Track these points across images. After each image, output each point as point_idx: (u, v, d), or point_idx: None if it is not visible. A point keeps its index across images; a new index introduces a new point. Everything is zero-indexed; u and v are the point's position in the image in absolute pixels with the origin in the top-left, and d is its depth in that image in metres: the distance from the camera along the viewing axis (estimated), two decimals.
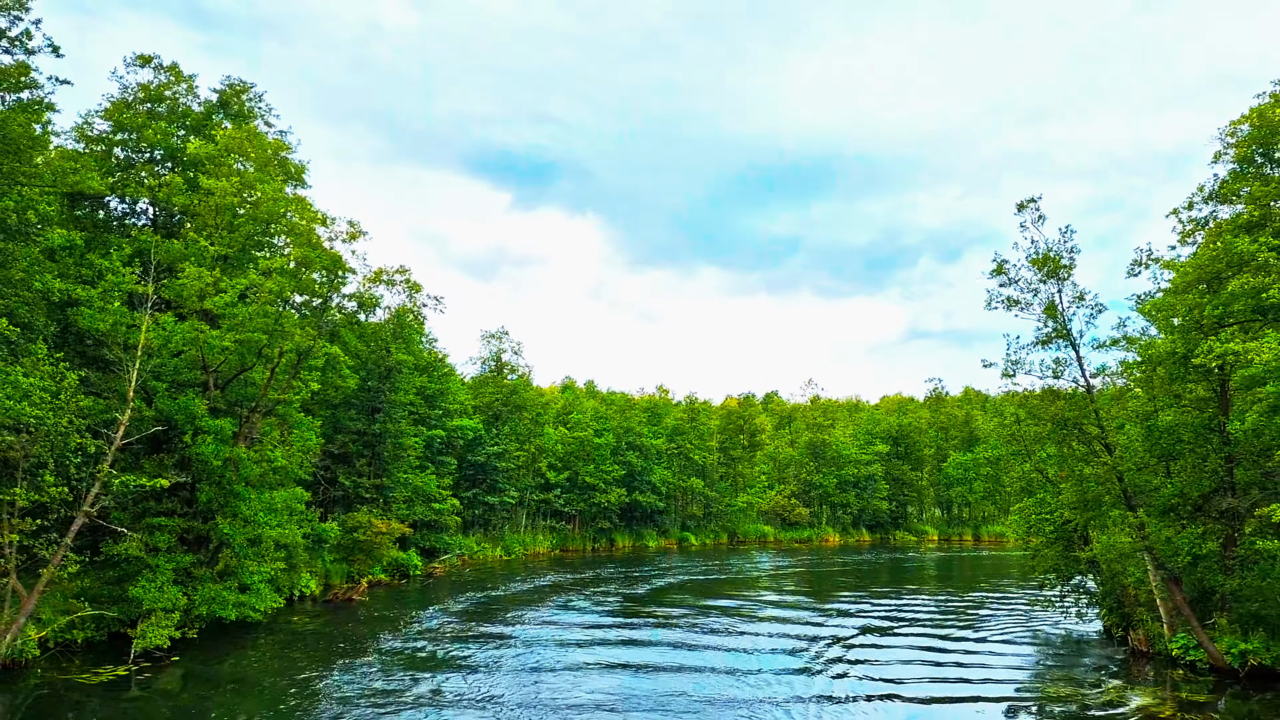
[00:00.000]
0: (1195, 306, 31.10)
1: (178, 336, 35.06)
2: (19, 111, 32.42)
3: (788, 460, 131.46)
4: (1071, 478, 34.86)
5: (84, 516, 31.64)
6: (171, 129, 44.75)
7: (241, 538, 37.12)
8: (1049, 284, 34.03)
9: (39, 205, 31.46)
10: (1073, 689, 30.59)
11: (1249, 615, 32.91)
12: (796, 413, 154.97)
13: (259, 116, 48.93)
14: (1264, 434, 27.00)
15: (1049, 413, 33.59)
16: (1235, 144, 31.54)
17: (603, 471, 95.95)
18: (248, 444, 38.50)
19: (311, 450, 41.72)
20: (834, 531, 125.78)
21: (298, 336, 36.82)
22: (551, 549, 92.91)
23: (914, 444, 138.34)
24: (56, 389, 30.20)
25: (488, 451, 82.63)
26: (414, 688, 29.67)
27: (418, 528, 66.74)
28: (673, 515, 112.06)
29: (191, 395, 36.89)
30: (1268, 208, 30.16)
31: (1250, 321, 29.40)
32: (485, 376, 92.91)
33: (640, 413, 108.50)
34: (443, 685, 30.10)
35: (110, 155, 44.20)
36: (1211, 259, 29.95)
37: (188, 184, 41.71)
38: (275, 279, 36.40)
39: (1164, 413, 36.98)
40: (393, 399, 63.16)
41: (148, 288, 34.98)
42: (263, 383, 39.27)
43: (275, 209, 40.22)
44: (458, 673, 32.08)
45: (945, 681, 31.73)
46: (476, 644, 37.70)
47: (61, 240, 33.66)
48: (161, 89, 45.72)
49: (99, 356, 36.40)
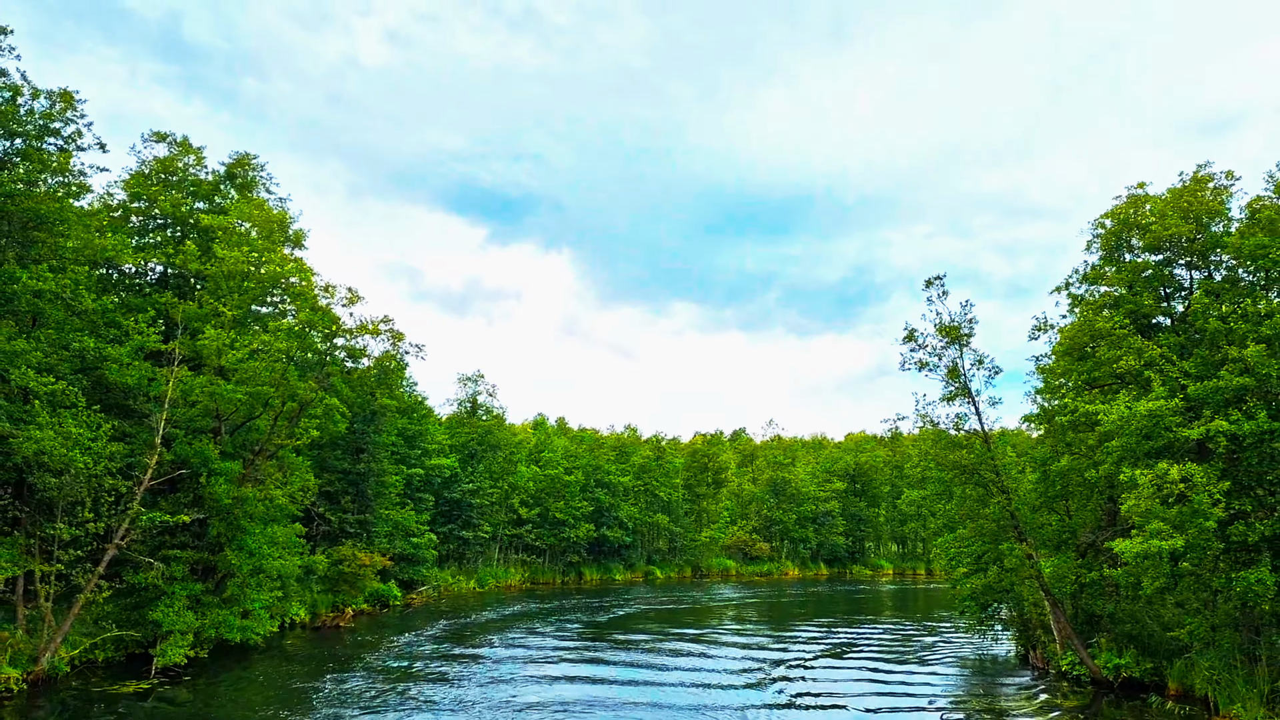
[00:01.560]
0: (1067, 371, 36.99)
1: (196, 389, 39.93)
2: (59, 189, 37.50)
3: (750, 497, 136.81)
4: (972, 516, 40.46)
5: (114, 549, 36.31)
6: (183, 199, 49.82)
7: (247, 568, 41.83)
8: (952, 349, 39.84)
9: (78, 276, 36.38)
10: (981, 702, 35.74)
11: (1124, 635, 38.49)
12: (759, 450, 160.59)
13: (262, 185, 54.10)
14: (1114, 480, 32.66)
15: (949, 459, 39.25)
16: (1101, 236, 37.67)
17: (572, 508, 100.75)
18: (253, 484, 43.25)
19: (310, 490, 46.49)
20: (793, 566, 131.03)
21: (301, 390, 41.81)
22: (523, 581, 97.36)
23: (870, 481, 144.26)
24: (94, 436, 34.97)
25: (463, 489, 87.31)
26: (396, 697, 34.49)
27: (397, 561, 71.20)
28: (639, 550, 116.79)
29: (205, 440, 41.70)
30: (1124, 291, 36.22)
31: (1109, 385, 35.28)
32: (461, 416, 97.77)
33: (609, 451, 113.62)
34: (422, 694, 34.96)
35: (128, 220, 49.19)
36: (1078, 332, 35.87)
37: (201, 250, 46.70)
38: (283, 339, 41.39)
39: (1057, 460, 42.73)
40: (376, 440, 67.91)
41: (173, 345, 39.87)
42: (267, 429, 44.15)
43: (279, 274, 45.33)
44: (435, 685, 36.92)
45: (882, 695, 36.68)
46: (451, 662, 42.51)
47: (96, 306, 38.50)
48: (173, 160, 50.83)
49: (126, 406, 41.10)
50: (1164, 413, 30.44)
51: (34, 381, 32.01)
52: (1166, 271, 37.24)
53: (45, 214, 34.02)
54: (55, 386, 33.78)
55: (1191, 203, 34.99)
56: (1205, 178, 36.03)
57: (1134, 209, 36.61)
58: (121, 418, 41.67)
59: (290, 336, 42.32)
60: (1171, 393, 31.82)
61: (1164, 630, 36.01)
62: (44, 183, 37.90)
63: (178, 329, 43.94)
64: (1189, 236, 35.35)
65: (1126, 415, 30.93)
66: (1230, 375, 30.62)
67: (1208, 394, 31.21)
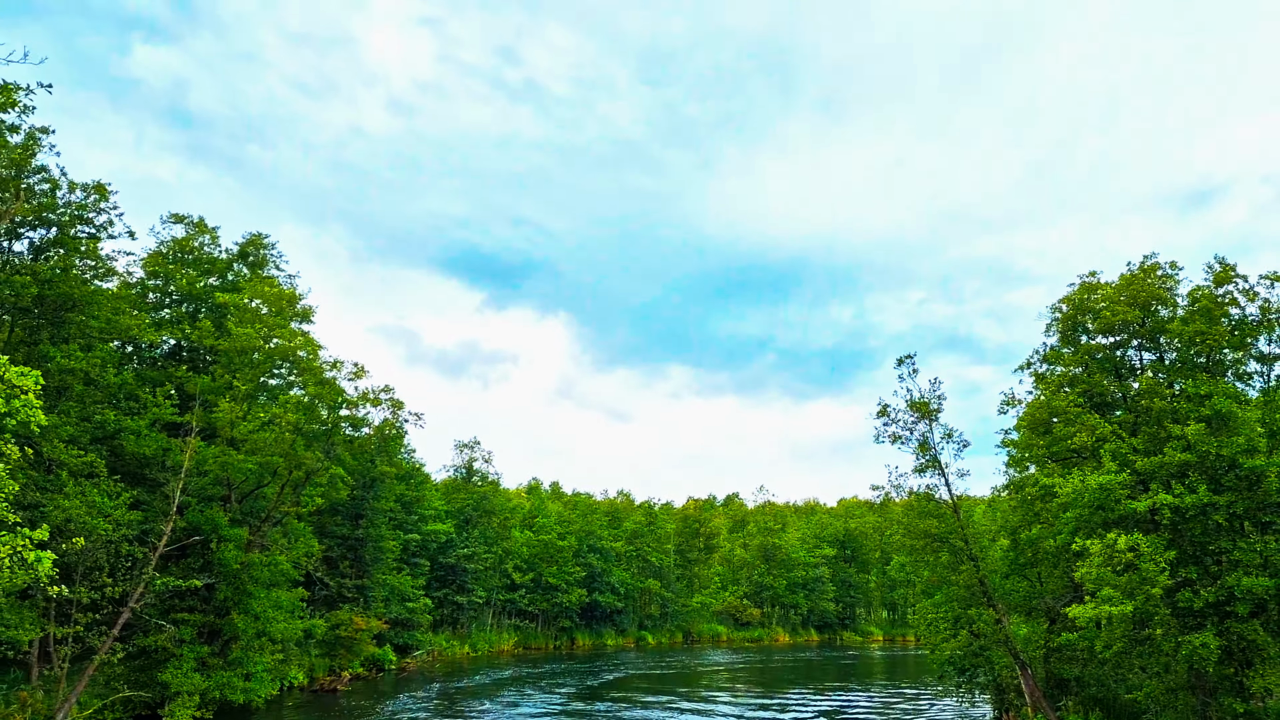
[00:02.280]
0: (1031, 445, 39.46)
1: (209, 459, 42.20)
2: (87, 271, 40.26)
3: (741, 562, 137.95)
4: (945, 582, 42.57)
5: (129, 612, 38.21)
6: (198, 276, 52.65)
7: (251, 631, 43.61)
8: (922, 424, 42.37)
9: (105, 354, 38.93)
10: None
11: (1090, 698, 40.36)
12: (751, 516, 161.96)
13: (272, 263, 57.01)
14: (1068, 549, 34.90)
15: (920, 528, 41.51)
16: (1059, 320, 40.47)
17: (565, 573, 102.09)
18: (259, 549, 45.26)
19: (314, 555, 48.45)
20: (784, 631, 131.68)
21: (309, 460, 44.11)
22: (515, 646, 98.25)
23: (860, 547, 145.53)
24: (114, 505, 37.14)
25: (458, 554, 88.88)
26: None
27: (393, 625, 72.58)
28: (631, 615, 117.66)
29: (216, 508, 43.83)
30: (1080, 370, 38.94)
31: (1067, 458, 37.75)
32: (457, 482, 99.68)
33: (602, 516, 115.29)
34: None
35: (146, 297, 51.90)
36: (1038, 409, 38.45)
37: (215, 325, 49.31)
38: (292, 412, 43.80)
39: (1028, 529, 44.96)
40: (375, 506, 69.85)
41: (189, 418, 42.25)
42: (274, 497, 46.31)
43: (289, 348, 47.91)
44: None
45: None
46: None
47: (118, 380, 40.96)
48: (189, 239, 53.80)
49: (141, 474, 43.30)
50: (1114, 486, 32.84)
51: (64, 454, 34.32)
52: (1119, 353, 39.96)
53: (77, 297, 36.66)
54: (84, 459, 36.08)
55: (1139, 290, 37.85)
56: (1152, 266, 38.94)
57: (1087, 295, 39.44)
58: (136, 485, 43.84)
59: (299, 409, 44.71)
60: (1122, 467, 34.24)
61: (1127, 693, 37.93)
62: (74, 266, 40.71)
63: (192, 401, 46.31)
64: (1138, 321, 38.15)
65: (1080, 488, 33.33)
66: (1174, 452, 33.12)
67: (1154, 469, 33.66)
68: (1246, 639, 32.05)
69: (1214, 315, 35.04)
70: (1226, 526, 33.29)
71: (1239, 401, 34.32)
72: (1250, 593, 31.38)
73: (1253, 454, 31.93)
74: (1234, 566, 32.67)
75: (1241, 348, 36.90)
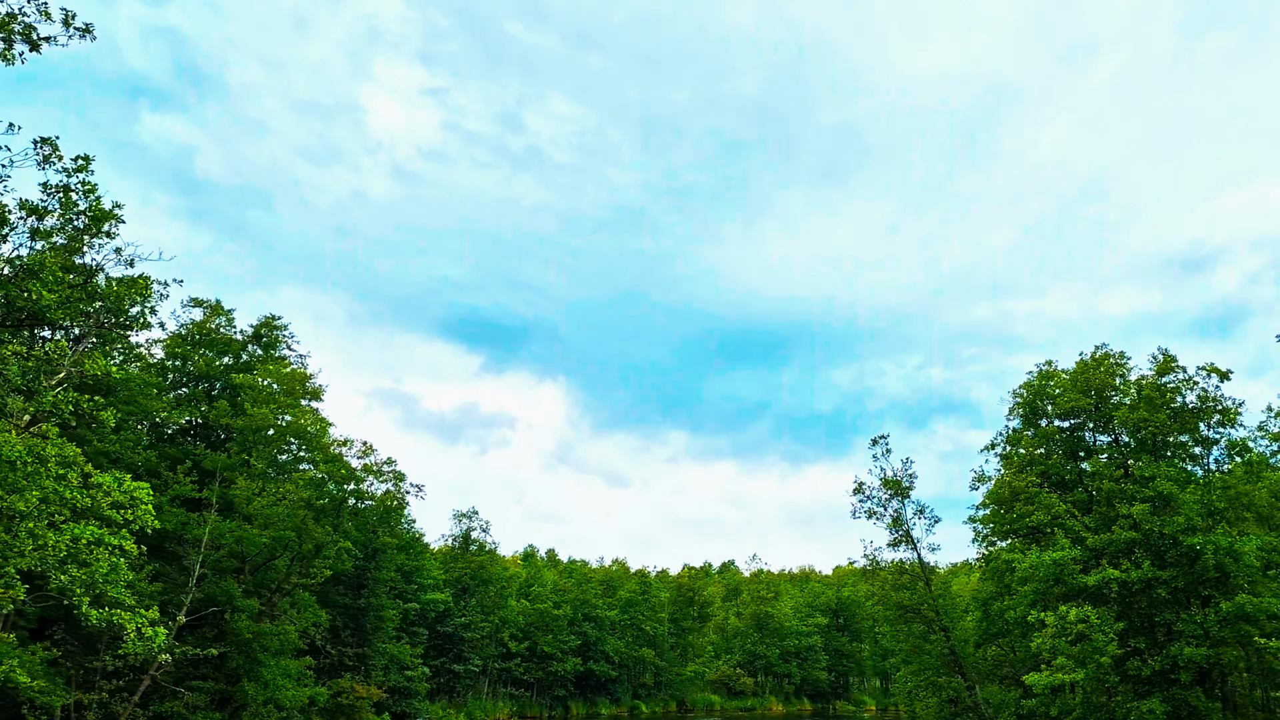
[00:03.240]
0: (996, 521, 42.43)
1: (225, 533, 44.90)
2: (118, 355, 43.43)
3: (734, 631, 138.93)
4: (918, 651, 45.11)
5: (149, 680, 40.57)
6: (214, 357, 55.88)
7: (261, 698, 45.79)
8: (895, 500, 45.35)
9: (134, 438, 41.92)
10: None
11: None
12: (745, 584, 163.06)
13: (284, 343, 60.26)
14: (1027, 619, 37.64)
15: (893, 600, 44.19)
16: (1020, 404, 43.78)
17: (560, 641, 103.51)
18: (270, 619, 47.66)
19: (322, 625, 50.78)
20: (777, 701, 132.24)
21: (319, 534, 46.81)
22: (511, 716, 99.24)
23: (853, 616, 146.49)
24: (139, 576, 39.72)
25: (456, 623, 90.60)
26: None
27: (391, 694, 74.14)
28: (625, 684, 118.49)
29: (230, 580, 46.38)
30: (1039, 452, 42.10)
31: (1027, 535, 40.69)
32: (455, 551, 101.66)
33: (597, 584, 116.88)
34: None
35: (165, 377, 55.04)
36: (1000, 488, 41.50)
37: (230, 403, 52.36)
38: (303, 488, 46.62)
39: (999, 600, 47.62)
40: (377, 576, 72.05)
41: (208, 494, 45.04)
42: (284, 569, 48.86)
43: (301, 426, 50.95)
44: None
45: None
46: None
47: (143, 458, 43.84)
48: (206, 321, 57.15)
49: (161, 546, 45.89)
50: (1066, 561, 35.76)
51: None
52: (1077, 435, 43.20)
53: (113, 385, 39.77)
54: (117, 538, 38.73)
55: (1092, 378, 41.22)
56: (1104, 356, 42.36)
57: (1044, 382, 42.85)
58: (155, 558, 46.44)
59: (310, 485, 47.55)
60: (1075, 544, 37.20)
61: None
62: (107, 354, 43.90)
63: (209, 477, 49.13)
64: (1091, 406, 41.44)
65: (1036, 563, 36.24)
66: (1121, 530, 36.14)
67: (1104, 545, 36.63)
68: (1190, 705, 34.64)
69: (1156, 404, 38.34)
70: (1170, 600, 36.14)
71: (1181, 483, 37.41)
72: (1192, 661, 34.08)
73: (1192, 532, 34.93)
74: (1178, 637, 35.43)
75: (1185, 432, 40.14)
